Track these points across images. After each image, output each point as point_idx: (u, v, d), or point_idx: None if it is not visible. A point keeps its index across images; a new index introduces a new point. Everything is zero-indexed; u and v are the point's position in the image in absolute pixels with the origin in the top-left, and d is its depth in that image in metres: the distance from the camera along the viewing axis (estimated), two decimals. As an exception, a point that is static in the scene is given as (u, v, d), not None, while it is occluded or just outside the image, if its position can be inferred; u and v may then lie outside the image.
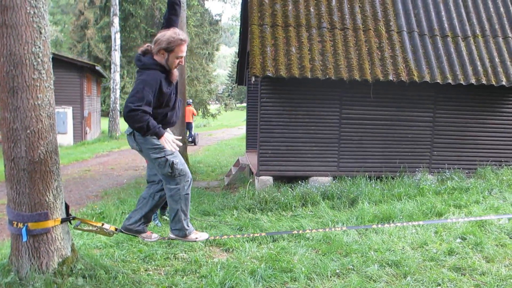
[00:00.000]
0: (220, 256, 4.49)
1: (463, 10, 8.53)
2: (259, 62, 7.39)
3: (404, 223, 5.13)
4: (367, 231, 5.15)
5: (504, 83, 7.74)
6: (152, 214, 3.62)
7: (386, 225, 4.87)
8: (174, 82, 3.23)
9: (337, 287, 3.67)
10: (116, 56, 20.46)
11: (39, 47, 3.23)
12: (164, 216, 6.16)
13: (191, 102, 18.95)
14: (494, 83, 7.75)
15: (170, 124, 3.33)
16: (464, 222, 5.21)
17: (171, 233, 3.51)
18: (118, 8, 20.50)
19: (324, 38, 7.82)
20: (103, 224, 3.56)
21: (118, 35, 20.47)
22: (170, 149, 3.04)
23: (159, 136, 3.02)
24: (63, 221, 3.43)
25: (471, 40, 8.21)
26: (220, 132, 26.14)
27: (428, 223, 5.20)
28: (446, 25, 8.30)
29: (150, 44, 3.17)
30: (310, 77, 7.36)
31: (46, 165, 3.30)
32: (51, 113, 3.37)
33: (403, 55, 7.85)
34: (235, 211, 6.52)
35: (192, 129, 18.35)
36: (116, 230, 3.58)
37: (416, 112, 8.17)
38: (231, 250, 4.65)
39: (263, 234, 4.74)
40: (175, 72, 3.21)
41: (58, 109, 17.07)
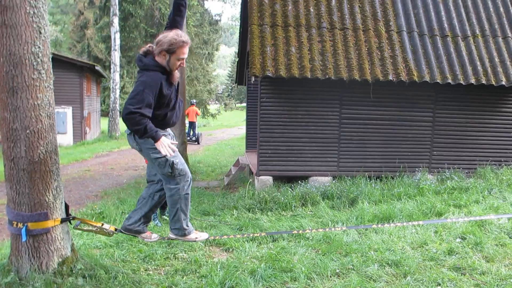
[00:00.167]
0: (220, 256, 4.48)
1: (462, 10, 8.54)
2: (259, 62, 7.39)
3: (404, 223, 5.13)
4: (367, 231, 5.15)
5: (503, 83, 7.74)
6: (152, 214, 3.63)
7: (386, 225, 4.88)
8: (174, 84, 3.23)
9: (337, 287, 3.67)
10: (116, 56, 20.45)
11: (39, 47, 3.23)
12: (164, 216, 6.17)
13: (195, 102, 19.65)
14: (494, 83, 7.75)
15: (170, 125, 3.33)
16: (464, 221, 5.21)
17: (171, 233, 3.51)
18: (117, 8, 20.49)
19: (324, 38, 7.82)
20: (103, 224, 3.56)
21: (118, 35, 20.46)
22: (164, 153, 3.03)
23: (155, 139, 3.01)
24: (63, 221, 3.43)
25: (471, 40, 8.21)
26: (220, 132, 26.15)
27: (428, 223, 5.20)
28: (445, 25, 8.30)
29: (152, 44, 3.17)
30: (310, 77, 7.37)
31: (45, 165, 3.30)
32: (51, 113, 3.37)
33: (402, 55, 7.85)
34: (235, 211, 6.52)
35: (196, 128, 18.89)
36: (116, 230, 3.58)
37: (416, 112, 8.17)
38: (231, 250, 4.65)
39: (263, 234, 4.75)
40: (176, 74, 3.21)
41: (58, 109, 17.06)
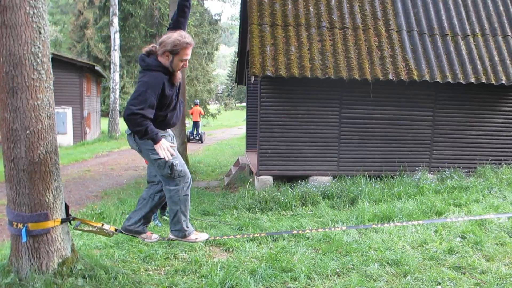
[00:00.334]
0: (220, 256, 4.48)
1: (462, 9, 8.53)
2: (258, 61, 7.39)
3: (404, 222, 5.13)
4: (367, 230, 5.15)
5: (503, 82, 7.74)
6: (152, 215, 3.62)
7: (386, 224, 4.87)
8: (176, 84, 3.23)
9: (337, 286, 3.67)
10: (116, 56, 20.45)
11: (39, 47, 3.22)
12: (164, 216, 6.17)
13: (198, 102, 20.29)
14: (494, 82, 7.75)
15: (170, 125, 3.33)
16: (464, 221, 5.21)
17: (171, 233, 3.50)
18: (117, 8, 20.48)
19: (324, 38, 7.82)
20: (103, 225, 3.56)
21: (118, 35, 20.45)
22: (163, 156, 3.03)
23: (155, 142, 3.01)
24: (63, 221, 3.43)
25: (471, 39, 8.21)
26: (220, 132, 26.14)
27: (428, 222, 5.20)
28: (445, 24, 8.30)
29: (155, 44, 3.16)
30: (309, 76, 7.36)
31: (45, 165, 3.30)
32: (51, 113, 3.37)
33: (402, 54, 7.85)
34: (235, 210, 6.52)
35: (199, 128, 19.42)
36: (116, 230, 3.58)
37: (416, 111, 8.17)
38: (231, 250, 4.65)
39: (263, 234, 4.74)
40: (178, 75, 3.20)
41: (58, 109, 17.05)
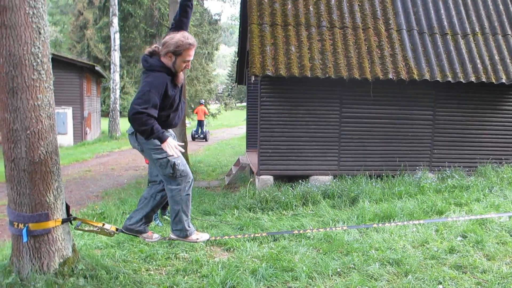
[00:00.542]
0: (221, 256, 4.48)
1: (462, 8, 8.53)
2: (258, 61, 7.39)
3: (405, 222, 5.13)
4: (368, 229, 5.15)
5: (504, 80, 7.73)
6: (154, 214, 3.62)
7: (387, 224, 4.87)
8: (179, 85, 3.23)
9: (338, 286, 3.67)
10: (116, 56, 20.45)
11: (39, 47, 3.22)
12: (164, 216, 6.17)
13: (203, 102, 21.12)
14: (494, 80, 7.74)
15: (172, 126, 3.33)
16: (464, 220, 5.21)
17: (172, 233, 3.50)
18: (117, 8, 20.48)
19: (324, 37, 7.81)
20: (104, 224, 3.56)
21: (118, 35, 20.45)
22: (171, 154, 3.04)
23: (162, 140, 3.02)
24: (63, 221, 3.43)
25: (471, 38, 8.20)
26: (220, 131, 26.13)
27: (429, 221, 5.20)
28: (445, 23, 8.29)
29: (157, 45, 3.16)
30: (310, 76, 7.36)
31: (46, 165, 3.30)
32: (51, 113, 3.37)
33: (402, 54, 7.85)
34: (235, 210, 6.52)
35: (204, 126, 19.96)
36: (117, 230, 3.58)
37: (416, 110, 8.16)
38: (232, 250, 4.65)
39: (264, 234, 4.74)
40: (181, 75, 3.21)
41: (58, 109, 17.05)
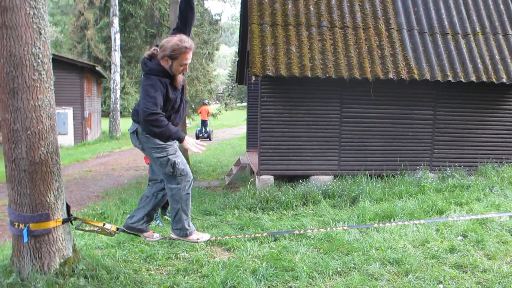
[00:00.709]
0: (221, 256, 4.48)
1: (463, 8, 8.52)
2: (259, 61, 7.39)
3: (405, 221, 5.13)
4: (368, 229, 5.15)
5: (504, 80, 7.73)
6: (155, 213, 3.64)
7: (387, 223, 4.87)
8: (179, 88, 3.23)
9: (338, 286, 3.67)
10: (116, 57, 20.46)
11: (39, 48, 3.23)
12: (165, 216, 6.18)
13: (207, 102, 21.87)
14: (495, 80, 7.74)
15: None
16: (465, 219, 5.20)
17: (173, 233, 3.51)
18: (117, 8, 20.50)
19: (324, 37, 7.81)
20: (104, 224, 3.56)
21: (118, 36, 20.47)
22: (196, 151, 3.05)
23: (181, 139, 3.01)
24: (64, 221, 3.44)
25: (471, 37, 8.20)
26: (221, 131, 26.11)
27: (429, 221, 5.19)
28: (446, 22, 8.29)
29: (157, 47, 3.16)
30: (310, 76, 7.36)
31: (47, 166, 3.31)
32: (52, 114, 3.37)
33: (403, 53, 7.84)
34: (236, 210, 6.53)
35: (207, 126, 20.78)
36: (117, 230, 3.58)
37: (416, 110, 8.16)
38: (232, 250, 4.65)
39: (265, 234, 4.75)
40: (179, 78, 3.20)
41: (59, 110, 17.06)
